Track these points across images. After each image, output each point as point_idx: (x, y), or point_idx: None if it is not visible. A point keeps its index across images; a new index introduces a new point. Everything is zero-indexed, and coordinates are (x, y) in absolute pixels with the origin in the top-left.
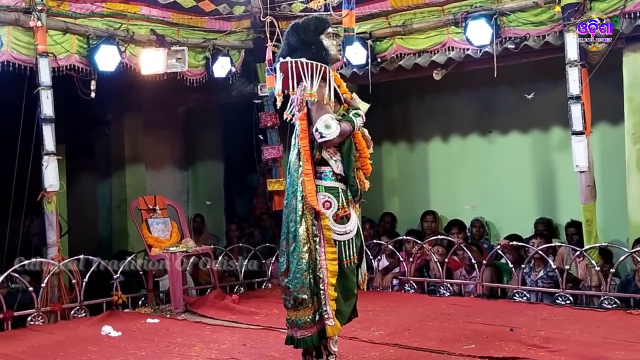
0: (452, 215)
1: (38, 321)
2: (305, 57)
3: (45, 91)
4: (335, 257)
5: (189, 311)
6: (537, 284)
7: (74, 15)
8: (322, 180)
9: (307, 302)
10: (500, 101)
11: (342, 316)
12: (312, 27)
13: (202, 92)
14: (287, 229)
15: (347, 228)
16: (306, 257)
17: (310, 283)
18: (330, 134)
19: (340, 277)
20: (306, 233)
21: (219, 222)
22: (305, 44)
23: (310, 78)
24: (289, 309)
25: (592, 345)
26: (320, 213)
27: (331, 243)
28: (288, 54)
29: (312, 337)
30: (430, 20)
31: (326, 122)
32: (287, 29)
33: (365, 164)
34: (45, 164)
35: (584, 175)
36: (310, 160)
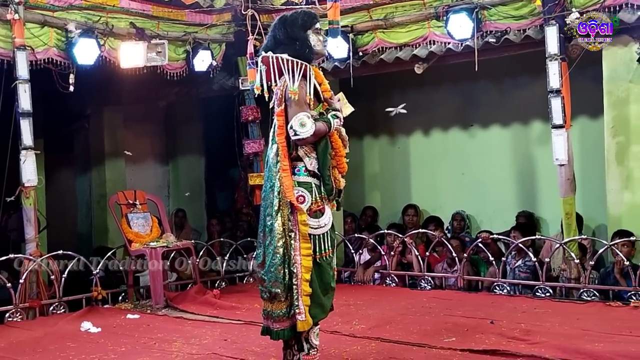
0: (433, 209)
1: (16, 317)
2: (288, 52)
3: (23, 85)
4: (310, 253)
5: (169, 306)
6: (515, 273)
7: (52, 7)
8: (296, 175)
9: (281, 296)
10: (481, 95)
11: (323, 310)
12: (300, 22)
13: (183, 85)
14: (263, 222)
15: (321, 222)
16: (281, 251)
17: (284, 277)
18: (305, 133)
19: (318, 270)
20: (282, 227)
21: (200, 216)
22: (290, 39)
23: (291, 75)
24: (265, 300)
25: (571, 337)
26: (297, 208)
27: (307, 239)
28: (272, 48)
29: (285, 330)
30: (411, 14)
31: (301, 121)
32: (275, 21)
33: (341, 163)
34: (23, 158)
35: (563, 168)
36: (287, 156)
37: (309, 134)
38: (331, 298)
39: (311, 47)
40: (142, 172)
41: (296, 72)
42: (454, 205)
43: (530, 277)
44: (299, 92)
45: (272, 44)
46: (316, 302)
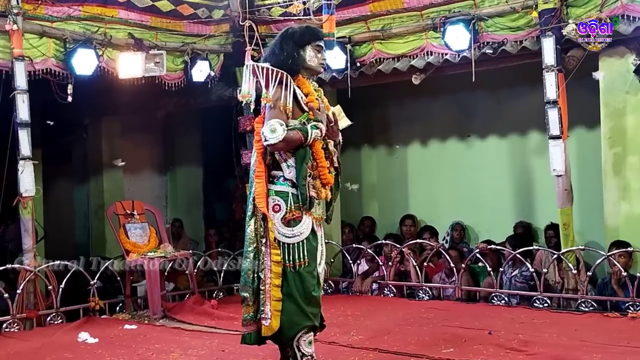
0: (431, 219)
1: (13, 328)
2: (273, 61)
3: (21, 95)
4: (280, 260)
5: (167, 317)
6: (511, 282)
7: (51, 18)
8: (274, 184)
9: (248, 301)
10: (479, 105)
11: (307, 317)
12: (297, 36)
13: (181, 96)
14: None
15: (296, 231)
16: (251, 256)
17: (252, 282)
18: (274, 139)
19: (298, 279)
20: (254, 233)
21: (198, 227)
22: (281, 50)
23: (265, 82)
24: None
25: (569, 348)
26: (267, 216)
27: (275, 246)
28: (266, 57)
29: (252, 334)
30: (409, 25)
31: (272, 127)
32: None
33: (324, 174)
34: (20, 168)
35: (561, 179)
36: (262, 163)
37: (278, 139)
38: (317, 307)
39: (296, 59)
40: (140, 182)
41: (271, 79)
42: (451, 215)
43: (527, 287)
44: (274, 99)
45: (267, 55)
46: (298, 310)
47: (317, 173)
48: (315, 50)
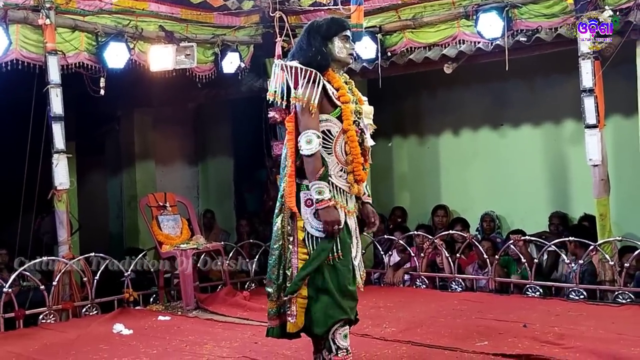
0: (463, 209)
1: (50, 319)
2: (300, 59)
3: (55, 89)
4: (307, 259)
5: (200, 308)
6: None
7: (83, 12)
8: (306, 178)
9: (272, 296)
10: (512, 94)
11: (343, 311)
12: (324, 29)
13: (212, 87)
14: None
15: None
16: (276, 253)
17: (277, 278)
18: (308, 150)
19: (334, 272)
20: (280, 230)
21: (229, 217)
22: (309, 45)
23: (295, 82)
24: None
25: (607, 341)
26: (297, 215)
27: (303, 245)
28: (294, 53)
29: (274, 329)
30: (440, 13)
31: (308, 137)
32: (305, 27)
33: (357, 170)
34: (55, 162)
35: (597, 169)
36: (294, 161)
37: (312, 152)
38: (353, 300)
39: (325, 54)
40: (171, 173)
41: (300, 78)
42: (484, 205)
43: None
44: (305, 99)
45: (294, 50)
46: (334, 303)
47: (351, 168)
48: (342, 40)
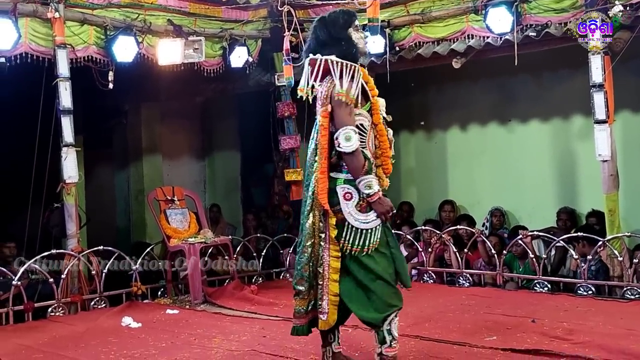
0: (470, 205)
1: (58, 312)
2: (336, 53)
3: (64, 82)
4: (339, 255)
5: (208, 302)
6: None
7: (92, 6)
8: (343, 172)
9: (304, 294)
10: (520, 89)
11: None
12: (342, 21)
13: (219, 82)
14: (300, 220)
15: (372, 216)
16: (308, 251)
17: (309, 276)
18: (349, 147)
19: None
20: (312, 228)
21: (236, 211)
22: (334, 39)
23: (339, 77)
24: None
25: (616, 337)
26: (328, 212)
27: (335, 242)
28: (316, 49)
29: (303, 327)
30: (449, 8)
31: (347, 134)
32: (315, 23)
33: (387, 163)
34: (64, 155)
35: (606, 164)
36: (327, 158)
37: (353, 148)
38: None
39: (355, 46)
40: (178, 167)
41: (345, 74)
42: (491, 201)
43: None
44: (348, 95)
45: (315, 46)
46: (391, 291)
47: (380, 162)
48: (357, 31)
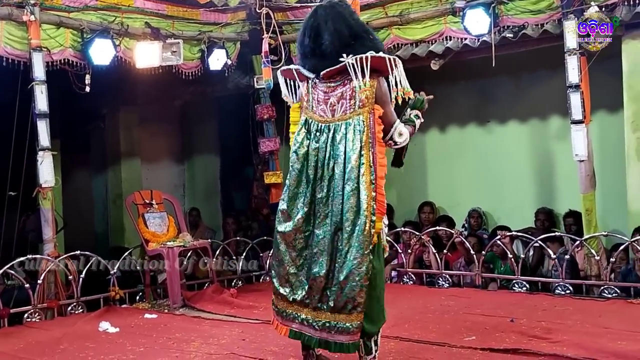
0: (449, 206)
1: (35, 318)
2: (371, 49)
3: (40, 86)
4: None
5: (187, 306)
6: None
7: (68, 9)
8: None
9: (363, 307)
10: (499, 90)
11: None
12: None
13: (198, 85)
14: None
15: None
16: (368, 259)
17: (367, 287)
18: (403, 142)
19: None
20: (369, 235)
21: (216, 215)
22: (360, 32)
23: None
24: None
25: (593, 335)
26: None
27: (386, 248)
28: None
29: (357, 342)
30: (427, 9)
31: (400, 131)
32: (330, 17)
33: None
34: (40, 159)
35: (583, 164)
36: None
37: (406, 141)
38: None
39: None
40: (157, 171)
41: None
42: (471, 202)
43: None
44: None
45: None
46: (382, 305)
47: None
48: None
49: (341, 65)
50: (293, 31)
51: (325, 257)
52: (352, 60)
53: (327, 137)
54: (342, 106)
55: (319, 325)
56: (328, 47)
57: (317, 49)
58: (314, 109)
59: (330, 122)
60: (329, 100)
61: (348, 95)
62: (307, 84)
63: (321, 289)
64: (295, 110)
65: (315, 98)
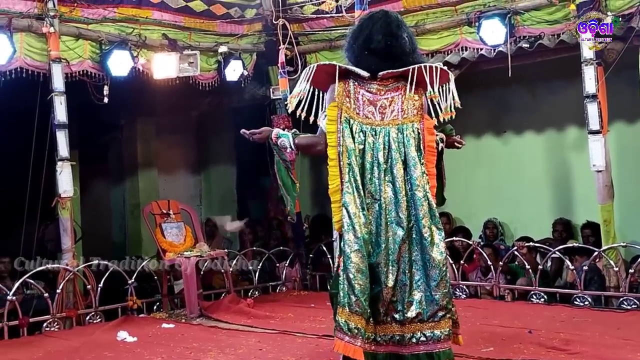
0: (466, 217)
1: (53, 327)
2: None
3: (59, 97)
4: None
5: (203, 316)
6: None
7: (87, 20)
8: None
9: (453, 313)
10: (515, 101)
11: None
12: None
13: (215, 95)
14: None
15: None
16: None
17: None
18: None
19: None
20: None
21: None
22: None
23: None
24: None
25: (612, 347)
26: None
27: None
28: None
29: (450, 350)
30: (443, 20)
31: (440, 137)
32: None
33: None
34: (59, 169)
35: (601, 174)
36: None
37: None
38: None
39: None
40: (174, 182)
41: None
42: (487, 213)
43: None
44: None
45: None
46: None
47: None
48: None
49: (405, 69)
50: (309, 42)
51: (391, 266)
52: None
53: (374, 139)
54: (394, 110)
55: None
56: (396, 50)
57: (383, 49)
58: (358, 110)
59: (378, 126)
60: (379, 103)
61: (400, 100)
62: (348, 83)
63: (388, 302)
64: (333, 109)
65: (360, 99)
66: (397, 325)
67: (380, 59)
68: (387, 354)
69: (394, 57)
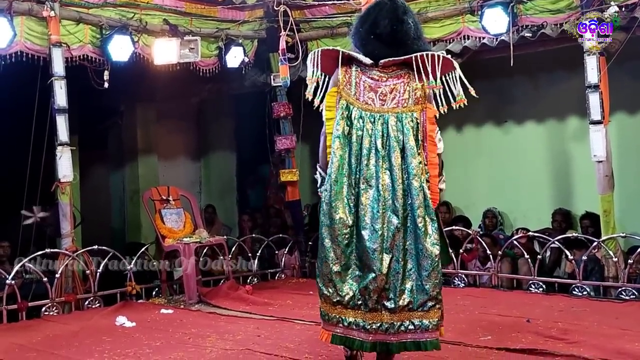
0: (465, 206)
1: (52, 311)
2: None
3: (59, 81)
4: None
5: (202, 302)
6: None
7: (87, 5)
8: None
9: (441, 303)
10: (516, 90)
11: None
12: None
13: (215, 82)
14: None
15: None
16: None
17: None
18: (441, 148)
19: None
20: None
21: (232, 212)
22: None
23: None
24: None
25: (611, 337)
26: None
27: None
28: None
29: (437, 340)
30: (445, 8)
31: (440, 136)
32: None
33: None
34: (59, 154)
35: (601, 165)
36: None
37: (441, 150)
38: None
39: None
40: (174, 168)
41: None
42: (487, 202)
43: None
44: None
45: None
46: None
47: None
48: None
49: (407, 57)
50: (310, 29)
51: (385, 253)
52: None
53: (373, 126)
54: (395, 98)
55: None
56: (401, 35)
57: (389, 34)
58: (358, 95)
59: (378, 112)
60: (380, 90)
61: (402, 88)
62: (350, 69)
63: (380, 289)
64: (332, 95)
65: (361, 85)
66: (387, 313)
67: (385, 44)
68: (374, 342)
69: (398, 43)
